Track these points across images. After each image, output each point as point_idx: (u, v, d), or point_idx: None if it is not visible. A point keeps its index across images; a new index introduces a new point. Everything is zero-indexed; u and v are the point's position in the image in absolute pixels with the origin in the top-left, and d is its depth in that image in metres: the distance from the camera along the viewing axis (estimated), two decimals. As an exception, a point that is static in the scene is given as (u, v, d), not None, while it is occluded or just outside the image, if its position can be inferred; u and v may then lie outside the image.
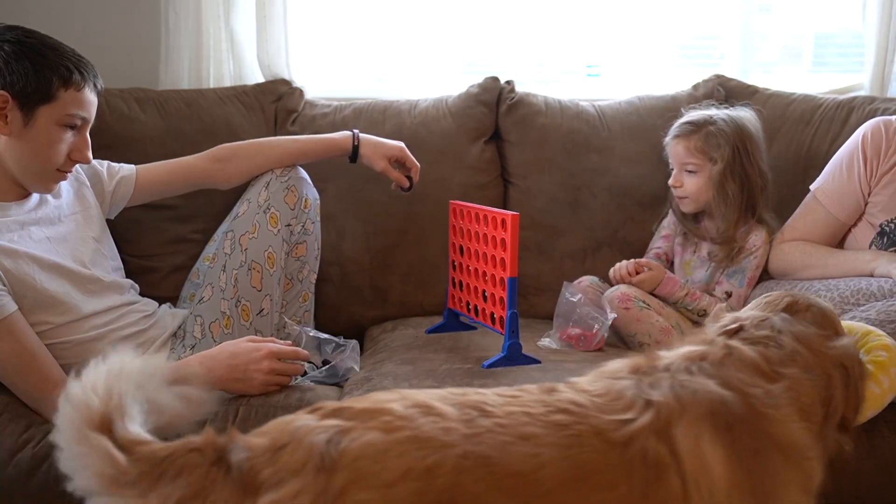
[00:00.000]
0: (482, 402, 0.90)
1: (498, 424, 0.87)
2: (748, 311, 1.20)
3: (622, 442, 0.90)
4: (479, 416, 0.88)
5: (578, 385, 0.98)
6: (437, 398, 0.90)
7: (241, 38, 2.25)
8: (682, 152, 1.92)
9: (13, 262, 1.46)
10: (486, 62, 2.45)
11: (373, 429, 0.83)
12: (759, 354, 1.06)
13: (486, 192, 2.12)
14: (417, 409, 0.86)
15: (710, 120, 1.91)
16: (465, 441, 0.84)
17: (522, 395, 0.94)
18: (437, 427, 0.84)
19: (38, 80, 1.44)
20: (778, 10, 2.55)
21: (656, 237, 2.09)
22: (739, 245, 1.91)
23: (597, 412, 0.92)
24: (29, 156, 1.49)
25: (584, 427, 0.90)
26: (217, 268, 1.70)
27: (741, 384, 1.01)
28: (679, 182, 1.94)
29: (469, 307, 1.79)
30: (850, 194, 1.82)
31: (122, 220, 1.82)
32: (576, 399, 0.94)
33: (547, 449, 0.87)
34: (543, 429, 0.89)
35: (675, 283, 1.90)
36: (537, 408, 0.91)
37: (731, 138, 1.88)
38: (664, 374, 1.00)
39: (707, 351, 1.06)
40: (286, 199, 1.72)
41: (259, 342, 1.50)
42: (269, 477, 0.80)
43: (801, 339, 1.11)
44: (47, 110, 1.46)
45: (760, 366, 1.04)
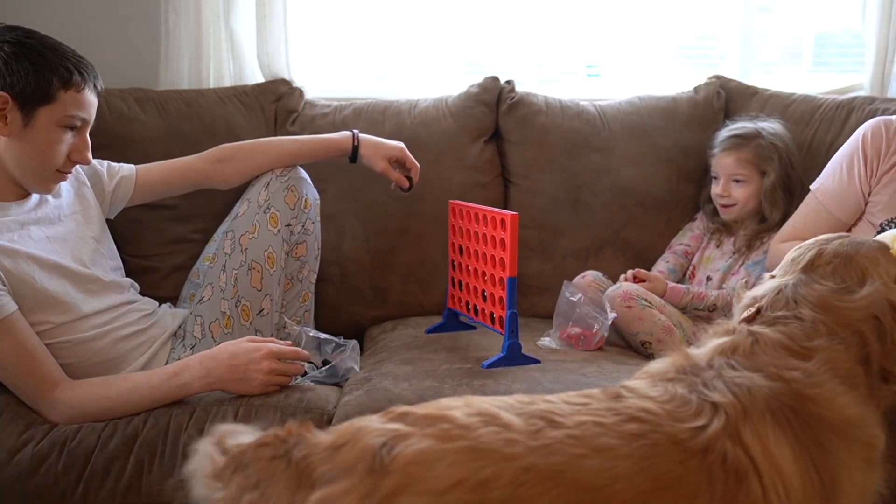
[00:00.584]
0: (551, 411, 0.88)
1: (569, 436, 0.85)
2: (771, 278, 1.17)
3: (700, 449, 0.88)
4: (548, 426, 0.86)
5: (641, 390, 0.96)
6: (504, 407, 0.88)
7: (241, 38, 2.25)
8: (732, 164, 1.99)
9: (13, 261, 1.46)
10: (486, 62, 2.45)
11: (429, 436, 0.82)
12: (783, 335, 1.04)
13: (486, 191, 2.12)
14: (479, 417, 0.85)
15: (759, 133, 1.99)
16: (530, 454, 0.82)
17: (591, 402, 0.92)
18: (498, 438, 0.83)
19: (38, 80, 1.44)
20: (778, 10, 2.55)
21: (683, 235, 2.12)
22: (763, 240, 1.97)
23: (670, 420, 0.91)
24: (29, 156, 1.49)
25: (660, 436, 0.89)
26: (217, 268, 1.70)
27: (778, 370, 0.99)
28: (727, 192, 2.00)
29: (469, 307, 1.79)
30: (850, 194, 1.82)
31: (122, 220, 1.82)
32: (646, 406, 0.92)
33: (622, 461, 0.85)
34: (617, 440, 0.87)
35: (678, 291, 1.92)
36: (608, 417, 0.89)
37: (780, 150, 1.97)
38: (710, 371, 0.99)
39: (735, 341, 1.05)
40: (286, 198, 1.72)
41: (259, 342, 1.49)
42: (323, 473, 0.81)
43: (818, 304, 1.07)
44: (47, 111, 1.46)
45: (789, 346, 1.03)
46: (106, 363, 1.56)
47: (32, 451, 1.37)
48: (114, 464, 1.37)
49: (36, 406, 1.45)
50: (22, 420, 1.42)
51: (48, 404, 1.44)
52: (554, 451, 0.83)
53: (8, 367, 1.44)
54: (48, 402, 1.44)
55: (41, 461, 1.36)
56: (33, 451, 1.37)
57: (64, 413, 1.43)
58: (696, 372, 0.99)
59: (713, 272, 2.01)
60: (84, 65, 1.50)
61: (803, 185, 1.98)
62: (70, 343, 1.52)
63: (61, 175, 1.55)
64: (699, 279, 2.03)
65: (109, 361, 1.57)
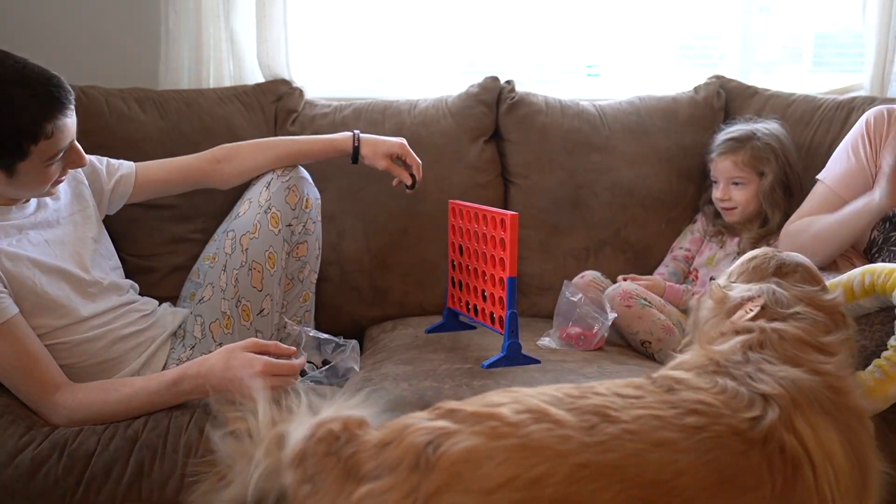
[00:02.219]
0: (604, 405, 0.87)
1: (626, 431, 0.84)
2: (739, 279, 1.23)
3: (760, 439, 0.89)
4: (602, 421, 0.85)
5: (690, 381, 0.97)
6: (553, 401, 0.87)
7: (241, 38, 2.25)
8: (729, 167, 1.99)
9: (14, 265, 1.46)
10: (486, 62, 2.45)
11: (477, 434, 0.81)
12: (801, 331, 1.08)
13: (486, 191, 2.12)
14: (529, 414, 0.84)
15: (755, 134, 1.99)
16: (585, 450, 0.82)
17: (644, 395, 0.92)
18: (550, 435, 0.82)
19: (5, 146, 1.39)
20: (778, 10, 2.55)
21: (683, 239, 2.12)
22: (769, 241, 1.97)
23: (727, 410, 0.91)
24: (22, 191, 1.50)
25: (721, 427, 0.89)
26: (217, 267, 1.70)
27: (813, 364, 1.02)
28: (727, 195, 2.00)
29: (469, 307, 1.79)
30: (857, 174, 1.83)
31: (121, 220, 1.82)
32: (702, 398, 0.92)
33: (684, 455, 0.84)
34: (679, 433, 0.86)
35: (676, 291, 1.93)
36: (665, 410, 0.89)
37: (776, 151, 1.97)
38: (749, 365, 1.01)
39: (760, 338, 1.07)
40: (287, 198, 1.72)
41: (256, 353, 1.44)
42: (370, 470, 0.82)
43: (811, 303, 1.14)
44: (27, 164, 1.43)
45: (808, 341, 1.07)
46: (105, 363, 1.56)
47: (33, 453, 1.36)
48: (114, 466, 1.37)
49: (37, 408, 1.45)
50: (22, 422, 1.42)
51: (49, 407, 1.44)
52: (612, 447, 0.82)
53: (9, 369, 1.44)
54: (49, 404, 1.43)
55: (42, 463, 1.36)
56: (34, 452, 1.37)
57: (64, 416, 1.43)
58: (736, 365, 1.01)
59: (717, 273, 2.00)
60: (48, 102, 1.40)
61: (802, 184, 1.99)
62: (69, 344, 1.52)
63: (59, 181, 1.54)
64: (702, 280, 2.03)
65: (108, 362, 1.57)
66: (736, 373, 0.99)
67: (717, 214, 2.07)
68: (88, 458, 1.37)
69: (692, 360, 1.05)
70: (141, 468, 1.37)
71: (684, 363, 1.05)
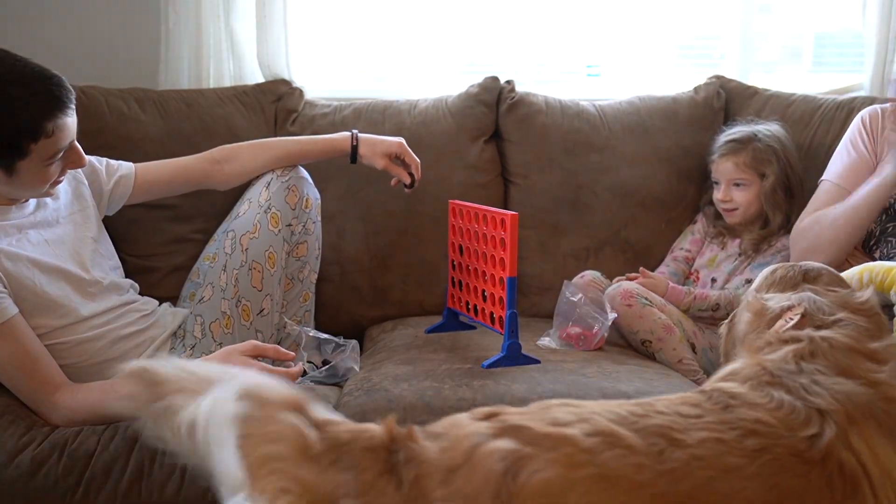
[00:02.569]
0: (668, 426, 0.85)
1: (694, 457, 0.82)
2: (771, 291, 1.20)
3: (819, 460, 0.88)
4: (670, 446, 0.83)
5: (746, 397, 0.95)
6: (618, 420, 0.85)
7: (241, 38, 2.25)
8: (731, 169, 1.99)
9: (14, 265, 1.46)
10: (486, 62, 2.45)
11: (554, 463, 0.78)
12: (849, 338, 1.06)
13: (486, 191, 2.12)
14: (600, 438, 0.81)
15: (756, 136, 1.99)
16: (659, 479, 0.80)
17: (702, 413, 0.89)
18: (625, 463, 0.80)
19: (4, 144, 1.39)
20: (778, 10, 2.55)
21: (683, 240, 2.12)
22: (770, 243, 1.98)
23: (785, 430, 0.89)
24: (21, 190, 1.50)
25: (781, 450, 0.87)
26: (217, 267, 1.70)
27: (866, 374, 1.00)
28: (728, 197, 2.01)
29: (469, 307, 1.79)
30: (860, 166, 1.84)
31: (122, 220, 1.82)
32: (760, 417, 0.90)
33: (750, 482, 0.83)
34: (742, 457, 0.85)
35: (678, 292, 1.92)
36: (726, 432, 0.87)
37: (777, 152, 1.98)
38: (803, 377, 0.98)
39: (811, 347, 1.04)
40: (287, 198, 1.72)
41: (255, 356, 1.43)
42: (440, 498, 0.76)
43: (849, 307, 1.12)
44: (27, 163, 1.43)
45: (858, 349, 1.04)
46: (105, 363, 1.56)
47: (33, 453, 1.37)
48: (114, 466, 1.37)
49: (37, 409, 1.45)
50: (22, 422, 1.42)
51: (49, 407, 1.44)
52: (683, 475, 0.81)
53: (9, 369, 1.44)
54: (49, 405, 1.44)
55: (41, 463, 1.36)
56: (34, 453, 1.37)
57: (64, 416, 1.43)
58: (790, 375, 0.99)
59: (719, 274, 2.01)
60: (48, 101, 1.40)
61: (803, 185, 1.99)
62: (69, 344, 1.53)
63: (58, 181, 1.54)
64: (703, 281, 2.03)
65: (108, 361, 1.57)
66: (791, 384, 0.97)
67: (717, 215, 2.07)
68: (88, 458, 1.37)
69: (744, 370, 1.03)
70: (141, 468, 1.37)
71: (736, 374, 1.03)
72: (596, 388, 1.49)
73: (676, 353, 1.78)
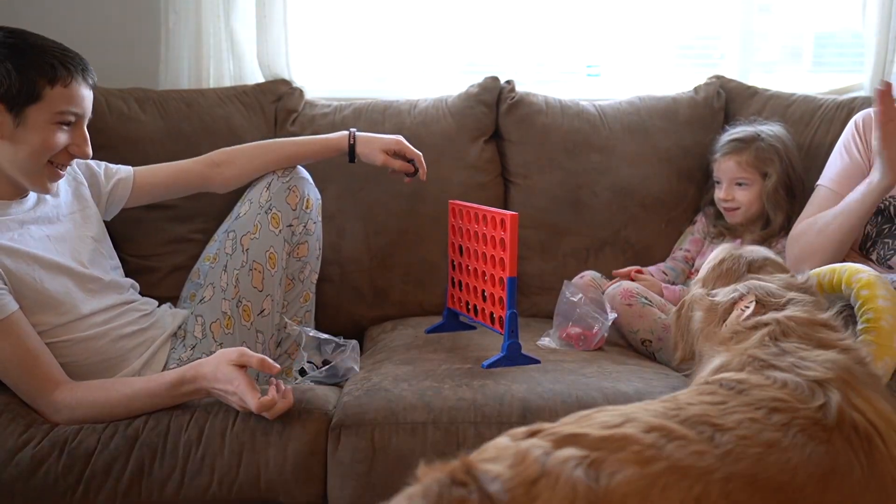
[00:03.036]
0: (705, 414, 0.89)
1: (740, 437, 0.86)
2: (717, 284, 1.29)
3: (835, 425, 0.92)
4: (716, 431, 0.86)
5: (750, 380, 0.99)
6: (660, 415, 0.87)
7: (241, 38, 2.25)
8: (733, 168, 2.00)
9: (14, 261, 1.46)
10: (486, 62, 2.45)
11: (626, 462, 0.80)
12: (808, 314, 1.13)
13: (486, 191, 2.12)
14: (656, 433, 0.84)
15: (759, 136, 2.00)
16: (721, 463, 0.83)
17: (726, 399, 0.93)
18: (688, 452, 0.83)
19: (21, 80, 1.42)
20: (778, 10, 2.55)
21: (683, 240, 2.12)
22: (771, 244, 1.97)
23: (799, 403, 0.94)
24: (25, 156, 1.48)
25: (803, 421, 0.92)
26: (218, 268, 1.70)
27: (838, 343, 1.07)
28: (730, 196, 2.01)
29: (468, 307, 1.79)
30: (854, 170, 1.85)
31: (122, 220, 1.82)
32: (773, 395, 0.95)
33: (791, 453, 0.87)
34: (776, 432, 0.89)
35: (673, 292, 1.93)
36: (753, 411, 0.91)
37: (780, 152, 1.98)
38: (788, 356, 1.04)
39: (781, 328, 1.11)
40: (287, 199, 1.72)
41: (238, 369, 1.39)
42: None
43: (792, 288, 1.21)
44: (37, 110, 1.45)
45: (818, 321, 1.12)
46: (105, 362, 1.56)
47: (33, 451, 1.37)
48: (114, 464, 1.37)
49: (36, 406, 1.45)
50: (22, 420, 1.42)
51: (49, 405, 1.44)
52: (738, 455, 0.84)
53: (9, 367, 1.44)
54: (49, 402, 1.44)
55: (41, 461, 1.36)
56: (33, 451, 1.37)
57: (64, 414, 1.43)
58: (776, 357, 1.04)
59: None
60: (70, 58, 1.47)
61: (804, 186, 1.99)
62: (70, 342, 1.52)
63: (56, 172, 1.53)
64: None
65: (108, 360, 1.57)
66: (781, 364, 1.02)
67: (718, 215, 2.07)
68: (88, 456, 1.37)
69: (732, 360, 1.07)
70: (141, 467, 1.38)
71: (727, 365, 1.07)
72: (596, 388, 1.49)
73: None
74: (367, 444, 1.40)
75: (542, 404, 1.44)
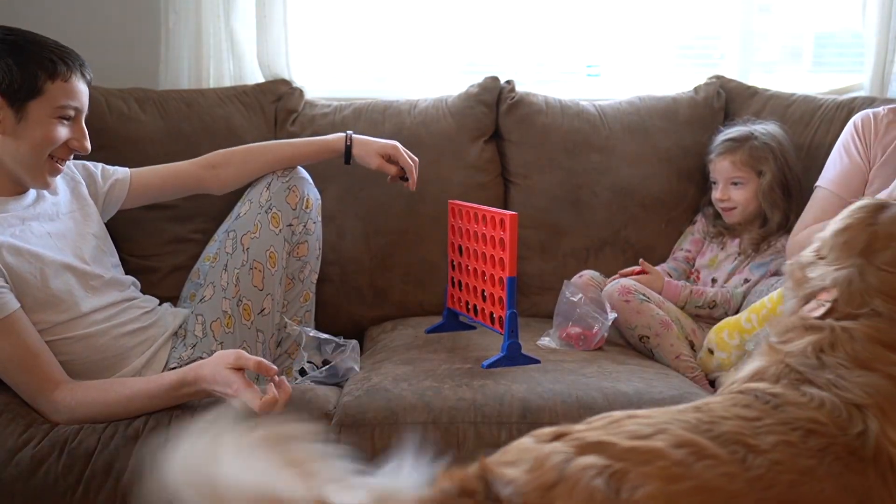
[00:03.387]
0: (739, 432, 0.85)
1: (774, 462, 0.83)
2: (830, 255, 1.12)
3: (872, 457, 0.88)
4: (749, 453, 0.83)
5: (787, 397, 0.94)
6: (692, 429, 0.84)
7: (241, 38, 2.25)
8: (728, 167, 2.00)
9: (16, 259, 1.46)
10: (486, 62, 2.45)
11: (651, 477, 0.77)
12: (872, 329, 1.01)
13: (486, 191, 2.12)
14: (686, 449, 0.81)
15: (752, 135, 2.00)
16: (751, 488, 0.80)
17: (761, 416, 0.89)
18: (717, 474, 0.80)
19: (22, 75, 1.44)
20: (778, 10, 2.55)
21: (683, 240, 2.13)
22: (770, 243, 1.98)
23: (837, 429, 0.89)
24: (26, 151, 1.49)
25: (840, 448, 0.87)
26: (218, 267, 1.70)
27: (885, 367, 0.98)
28: (726, 195, 2.01)
29: (468, 307, 1.79)
30: (854, 172, 1.85)
31: (122, 220, 1.82)
32: (811, 416, 0.90)
33: (826, 482, 0.84)
34: (812, 458, 0.85)
35: (675, 287, 1.93)
36: (790, 433, 0.87)
37: (774, 150, 1.98)
38: (827, 371, 0.97)
39: (831, 338, 1.01)
40: (287, 199, 1.72)
41: (236, 372, 1.38)
42: None
43: (885, 292, 1.04)
44: (37, 105, 1.46)
45: (881, 339, 1.01)
46: (106, 360, 1.56)
47: (33, 451, 1.37)
48: (114, 464, 1.37)
49: (36, 406, 1.45)
50: (22, 420, 1.42)
51: (49, 405, 1.44)
52: (770, 481, 0.81)
53: (9, 366, 1.43)
54: (49, 402, 1.43)
55: (41, 461, 1.36)
56: (33, 451, 1.37)
57: (64, 414, 1.43)
58: (814, 371, 0.97)
59: (719, 274, 2.01)
60: (67, 53, 1.50)
61: (801, 185, 1.99)
62: (71, 339, 1.52)
63: (56, 166, 1.54)
64: (704, 281, 2.03)
65: (109, 359, 1.57)
66: (818, 381, 0.96)
67: (717, 215, 2.07)
68: (88, 456, 1.37)
69: (769, 368, 1.01)
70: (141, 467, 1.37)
71: (762, 373, 1.01)
72: (596, 388, 1.49)
73: (674, 348, 1.79)
74: (367, 444, 1.40)
75: (542, 404, 1.44)
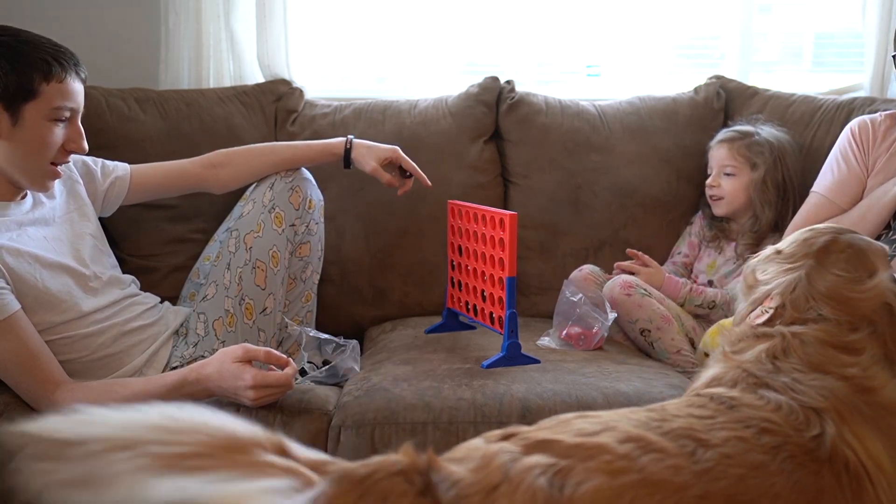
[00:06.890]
0: (690, 428, 0.86)
1: (724, 455, 0.83)
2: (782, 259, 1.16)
3: (827, 458, 0.88)
4: (699, 447, 0.83)
5: (743, 399, 0.94)
6: (641, 425, 0.84)
7: (241, 38, 2.25)
8: (724, 154, 2.02)
9: (15, 260, 1.46)
10: (486, 62, 2.45)
11: (596, 471, 0.77)
12: (822, 332, 1.04)
13: (486, 191, 2.12)
14: (633, 444, 0.81)
15: (756, 131, 2.02)
16: (698, 480, 0.80)
17: (715, 414, 0.90)
18: (663, 466, 0.80)
19: (17, 77, 1.43)
20: (778, 10, 2.55)
21: (682, 243, 2.13)
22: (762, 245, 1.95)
23: (792, 430, 0.90)
24: (23, 155, 1.48)
25: (794, 448, 0.88)
26: (221, 266, 1.70)
27: (838, 369, 0.99)
28: (717, 183, 2.02)
29: (468, 307, 1.79)
30: (851, 179, 1.85)
31: (122, 220, 1.82)
32: (766, 416, 0.91)
33: (776, 478, 0.84)
34: (765, 454, 0.85)
35: (676, 283, 1.94)
36: (743, 430, 0.87)
37: (773, 149, 1.99)
38: (783, 376, 0.98)
39: (783, 345, 1.03)
40: (291, 199, 1.72)
41: (247, 360, 1.42)
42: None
43: (833, 297, 1.07)
44: (33, 107, 1.45)
45: (832, 342, 1.03)
46: (107, 359, 1.56)
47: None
48: (114, 464, 1.37)
49: (37, 406, 1.45)
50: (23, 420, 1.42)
51: (49, 405, 1.43)
52: (719, 474, 0.81)
53: (10, 366, 1.44)
54: (50, 402, 1.43)
55: (42, 461, 1.36)
56: (34, 451, 1.37)
57: (64, 414, 1.43)
58: (770, 375, 0.98)
59: (718, 278, 2.01)
60: (62, 53, 1.48)
61: (797, 191, 1.99)
62: (72, 339, 1.53)
63: (56, 171, 1.54)
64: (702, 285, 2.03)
65: (111, 357, 1.57)
66: (775, 384, 0.97)
67: (714, 217, 2.07)
68: (88, 457, 1.37)
69: (726, 374, 1.02)
70: (141, 468, 1.37)
71: (719, 379, 1.02)
72: (596, 388, 1.49)
73: (675, 343, 1.79)
74: (367, 444, 1.40)
75: (542, 404, 1.44)
